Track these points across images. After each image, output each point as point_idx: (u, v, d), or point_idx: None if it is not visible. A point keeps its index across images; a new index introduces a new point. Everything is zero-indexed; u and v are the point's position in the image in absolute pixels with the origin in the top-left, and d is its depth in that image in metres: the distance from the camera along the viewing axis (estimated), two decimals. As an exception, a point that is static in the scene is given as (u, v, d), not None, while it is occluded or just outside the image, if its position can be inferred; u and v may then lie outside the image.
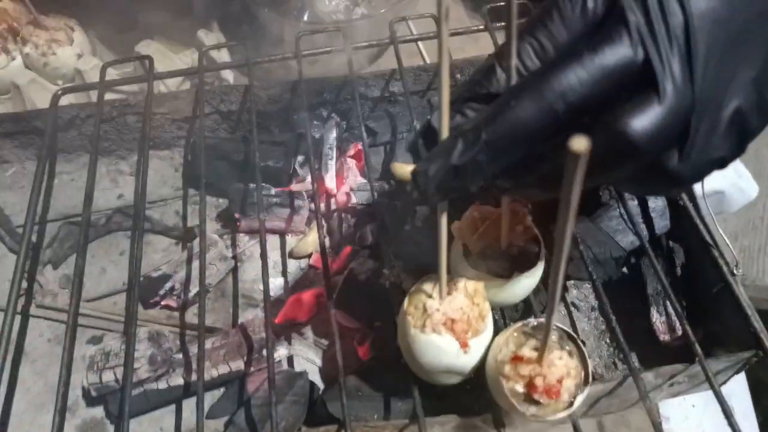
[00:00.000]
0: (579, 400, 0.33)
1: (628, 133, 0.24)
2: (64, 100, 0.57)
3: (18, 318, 0.50)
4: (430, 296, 0.36)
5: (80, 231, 0.50)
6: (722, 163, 0.27)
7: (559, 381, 0.32)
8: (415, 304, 0.36)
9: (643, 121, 0.24)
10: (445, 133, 0.27)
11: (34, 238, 0.58)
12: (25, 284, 0.56)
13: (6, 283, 0.56)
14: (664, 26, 0.25)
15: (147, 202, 0.60)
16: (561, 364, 0.32)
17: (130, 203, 0.61)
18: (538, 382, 0.32)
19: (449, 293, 0.36)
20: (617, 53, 0.25)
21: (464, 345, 0.35)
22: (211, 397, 0.49)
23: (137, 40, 0.66)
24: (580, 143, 0.18)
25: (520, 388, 0.32)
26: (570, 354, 0.33)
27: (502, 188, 0.29)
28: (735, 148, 0.27)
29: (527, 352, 0.33)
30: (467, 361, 0.35)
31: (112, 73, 0.58)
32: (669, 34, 0.25)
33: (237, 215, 0.56)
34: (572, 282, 0.54)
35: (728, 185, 0.80)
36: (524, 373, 0.32)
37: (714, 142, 0.26)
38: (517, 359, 0.33)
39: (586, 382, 0.33)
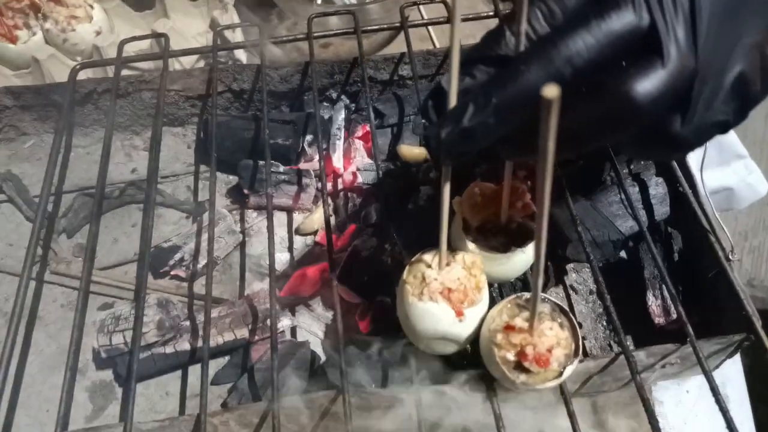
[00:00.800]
0: (568, 370, 0.34)
1: (632, 96, 0.25)
2: (82, 75, 0.59)
3: (33, 284, 0.52)
4: (429, 266, 0.37)
5: (94, 202, 0.52)
6: (725, 127, 0.28)
7: (549, 350, 0.33)
8: (414, 273, 0.38)
9: (647, 83, 0.25)
10: (454, 96, 0.28)
11: (50, 208, 0.59)
12: (40, 252, 0.58)
13: (22, 249, 0.58)
14: None
15: (159, 177, 0.62)
16: (551, 334, 0.33)
17: (143, 177, 0.62)
18: (529, 350, 0.33)
19: (448, 264, 0.37)
20: (623, 19, 0.25)
21: (459, 314, 0.36)
22: (215, 365, 0.51)
23: (154, 19, 0.68)
24: (551, 91, 0.19)
25: (511, 356, 0.34)
26: (561, 326, 0.35)
27: (509, 151, 0.30)
28: (738, 113, 0.28)
29: (519, 322, 0.34)
30: (462, 329, 0.37)
31: (128, 50, 0.60)
32: (674, 0, 0.25)
33: (246, 191, 0.58)
34: (572, 266, 0.54)
35: (737, 181, 0.80)
36: (515, 342, 0.33)
37: (716, 106, 0.27)
38: (509, 328, 0.34)
39: (576, 354, 0.34)
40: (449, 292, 0.36)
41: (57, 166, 0.55)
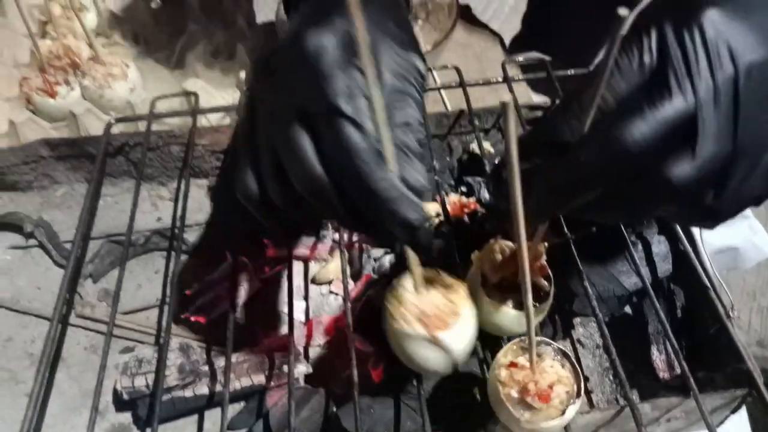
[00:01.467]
0: (571, 410, 0.36)
1: (670, 180, 0.28)
2: (115, 129, 0.63)
3: (59, 326, 0.55)
4: (407, 290, 0.39)
5: (122, 249, 0.55)
6: (758, 201, 0.31)
7: (550, 386, 0.35)
8: (395, 296, 0.39)
9: (684, 169, 0.28)
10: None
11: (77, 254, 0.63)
12: (67, 295, 0.61)
13: (49, 293, 0.62)
14: (713, 81, 0.28)
15: (184, 226, 0.65)
16: (552, 371, 0.35)
17: (167, 226, 0.65)
18: (531, 386, 0.35)
19: (427, 288, 0.39)
20: (674, 107, 0.28)
21: (434, 339, 0.37)
22: (231, 410, 0.53)
23: (184, 78, 0.73)
24: (506, 98, 0.23)
25: (514, 393, 0.36)
26: (562, 365, 0.36)
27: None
28: None
29: (522, 360, 0.36)
30: (440, 354, 0.38)
31: (160, 107, 0.64)
32: (716, 89, 0.28)
33: (266, 241, 0.61)
34: (578, 320, 0.56)
35: (742, 241, 0.82)
36: (518, 379, 0.35)
37: (752, 183, 0.30)
38: (512, 366, 0.36)
39: (578, 395, 0.36)
40: (425, 317, 0.38)
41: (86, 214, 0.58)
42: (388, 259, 0.58)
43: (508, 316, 0.41)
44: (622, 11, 0.26)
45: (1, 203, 0.68)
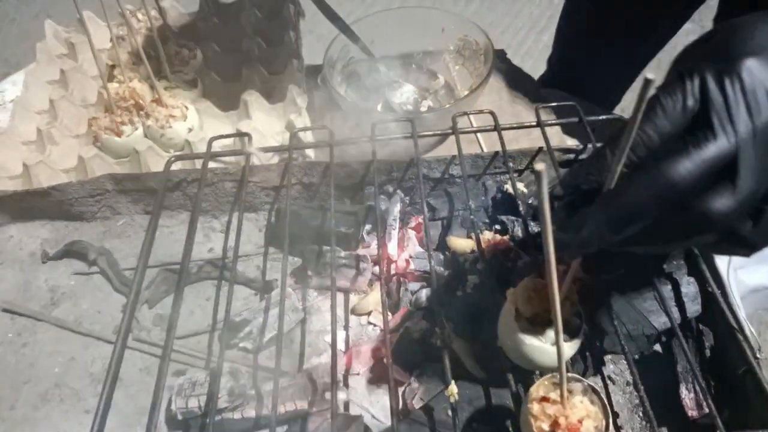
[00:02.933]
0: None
1: (709, 215, 0.32)
2: (175, 166, 0.68)
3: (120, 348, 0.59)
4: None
5: (178, 277, 0.59)
6: None
7: (580, 421, 0.37)
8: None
9: (722, 204, 0.31)
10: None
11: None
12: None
13: (109, 316, 0.66)
14: (752, 123, 0.31)
15: (233, 256, 0.70)
16: (581, 407, 0.38)
17: (218, 256, 0.70)
18: (561, 420, 0.37)
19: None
20: (717, 146, 0.31)
21: None
22: (275, 432, 0.56)
23: (238, 119, 0.78)
24: (540, 166, 0.26)
25: (545, 426, 0.38)
26: (591, 402, 0.39)
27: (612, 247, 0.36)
28: None
29: (553, 395, 0.38)
30: None
31: (215, 146, 0.69)
32: (755, 130, 0.31)
33: (310, 272, 0.64)
34: (609, 357, 0.58)
35: (777, 282, 0.83)
36: (550, 413, 0.38)
37: None
38: (544, 400, 0.38)
39: (607, 429, 0.38)
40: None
41: (142, 245, 0.63)
42: (424, 293, 0.62)
43: (540, 350, 0.44)
44: (650, 75, 0.30)
45: (67, 232, 0.74)
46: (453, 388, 0.46)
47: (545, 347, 0.43)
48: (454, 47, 0.85)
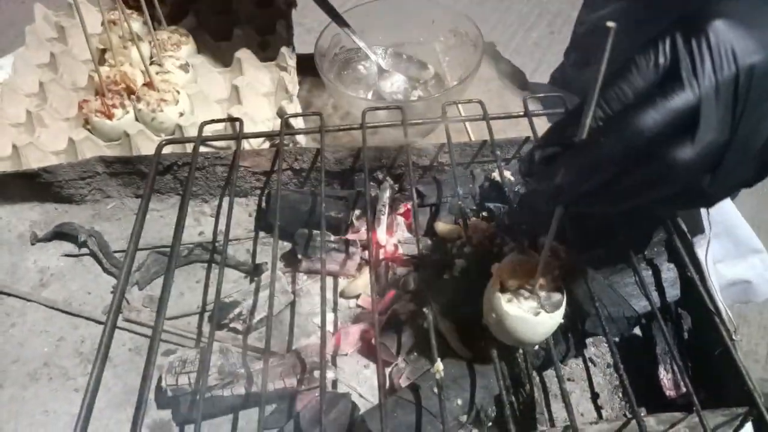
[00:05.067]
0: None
1: (673, 164, 0.34)
2: (166, 149, 0.69)
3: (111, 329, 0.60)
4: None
5: (168, 259, 0.60)
6: (748, 184, 0.37)
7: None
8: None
9: (687, 153, 0.33)
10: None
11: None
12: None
13: (99, 297, 0.67)
14: (715, 79, 0.33)
15: (223, 240, 0.70)
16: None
17: (209, 239, 0.71)
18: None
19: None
20: (681, 99, 0.33)
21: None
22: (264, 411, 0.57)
23: (229, 105, 0.79)
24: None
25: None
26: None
27: (586, 203, 0.39)
28: (758, 174, 0.36)
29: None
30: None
31: (206, 131, 0.70)
32: (718, 86, 0.33)
33: (300, 256, 0.65)
34: (591, 340, 0.60)
35: (755, 275, 0.85)
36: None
37: (743, 168, 0.35)
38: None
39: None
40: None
41: (133, 227, 0.64)
42: (412, 277, 0.63)
43: (523, 321, 0.45)
44: (610, 23, 0.33)
45: (57, 214, 0.74)
46: (439, 365, 0.48)
47: (528, 318, 0.45)
48: (445, 38, 0.86)
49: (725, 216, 0.96)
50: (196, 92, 0.77)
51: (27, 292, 0.67)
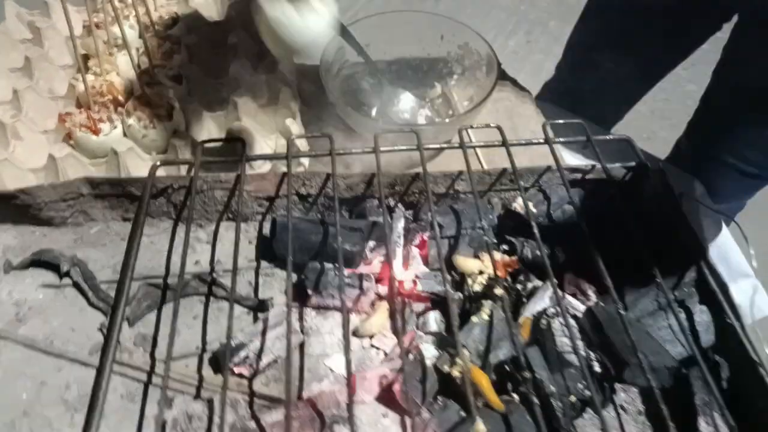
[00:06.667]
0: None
1: None
2: (160, 171, 0.63)
3: (93, 372, 0.53)
4: None
5: (160, 292, 0.54)
6: None
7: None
8: None
9: None
10: None
11: (113, 295, 0.62)
12: (101, 339, 0.60)
13: (84, 335, 0.60)
14: None
15: (221, 270, 0.65)
16: None
17: (205, 269, 0.65)
18: None
19: None
20: None
21: None
22: (275, 467, 0.51)
23: (226, 121, 0.73)
24: None
25: None
26: None
27: None
28: None
29: None
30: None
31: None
32: None
33: (310, 291, 0.60)
34: (620, 386, 0.57)
35: (744, 299, 0.85)
36: None
37: None
38: None
39: None
40: None
41: (130, 256, 0.58)
42: (432, 316, 0.59)
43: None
44: None
45: (34, 239, 0.67)
46: (480, 426, 0.44)
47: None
48: (454, 55, 0.83)
49: (721, 241, 0.95)
50: (191, 107, 0.71)
51: (1, 328, 0.60)
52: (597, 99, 1.02)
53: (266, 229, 0.67)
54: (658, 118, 2.30)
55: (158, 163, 0.62)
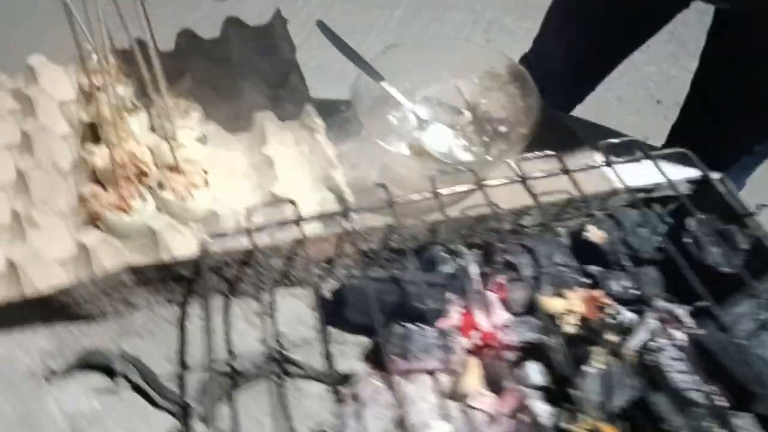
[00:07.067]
0: None
1: None
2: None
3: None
4: None
5: (229, 379, 0.49)
6: None
7: None
8: None
9: None
10: None
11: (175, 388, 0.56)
12: (173, 441, 0.54)
13: (154, 444, 0.54)
14: None
15: (288, 343, 0.60)
16: None
17: (271, 346, 0.59)
18: None
19: None
20: None
21: None
22: None
23: (269, 182, 0.67)
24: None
25: None
26: None
27: None
28: None
29: None
30: None
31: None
32: None
33: (393, 357, 0.56)
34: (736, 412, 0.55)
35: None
36: None
37: None
38: None
39: None
40: None
41: (179, 344, 0.52)
42: (532, 368, 0.55)
43: None
44: None
45: (73, 338, 0.60)
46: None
47: None
48: (480, 80, 0.80)
49: None
50: (221, 168, 0.66)
51: (58, 449, 0.53)
52: (559, 83, 1.03)
53: (326, 291, 0.63)
54: (626, 103, 2.35)
55: (209, 238, 0.57)
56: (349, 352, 0.60)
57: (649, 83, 2.41)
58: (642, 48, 1.14)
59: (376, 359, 0.59)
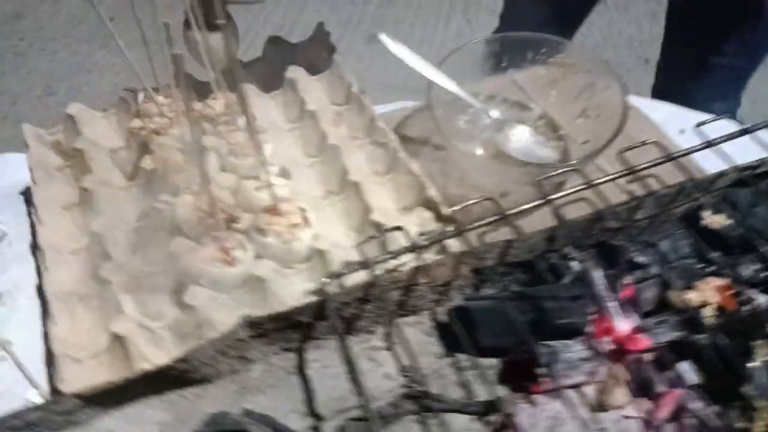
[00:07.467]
0: None
1: None
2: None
3: None
4: None
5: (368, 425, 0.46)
6: None
7: None
8: None
9: None
10: None
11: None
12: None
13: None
14: None
15: (420, 376, 0.57)
16: None
17: (400, 382, 0.57)
18: None
19: None
20: None
21: None
22: None
23: (347, 204, 0.64)
24: None
25: None
26: None
27: None
28: None
29: None
30: None
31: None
32: None
33: (541, 377, 0.54)
34: None
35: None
36: None
37: None
38: None
39: None
40: None
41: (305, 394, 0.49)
42: (685, 368, 0.53)
43: None
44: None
45: (190, 405, 0.56)
46: None
47: None
48: (545, 71, 0.77)
49: None
50: (301, 200, 0.62)
51: None
52: None
53: (450, 317, 0.60)
54: (615, 67, 2.36)
55: (328, 281, 0.53)
56: (484, 376, 0.57)
57: (634, 44, 2.42)
58: (621, 10, 1.17)
59: (513, 381, 0.56)
